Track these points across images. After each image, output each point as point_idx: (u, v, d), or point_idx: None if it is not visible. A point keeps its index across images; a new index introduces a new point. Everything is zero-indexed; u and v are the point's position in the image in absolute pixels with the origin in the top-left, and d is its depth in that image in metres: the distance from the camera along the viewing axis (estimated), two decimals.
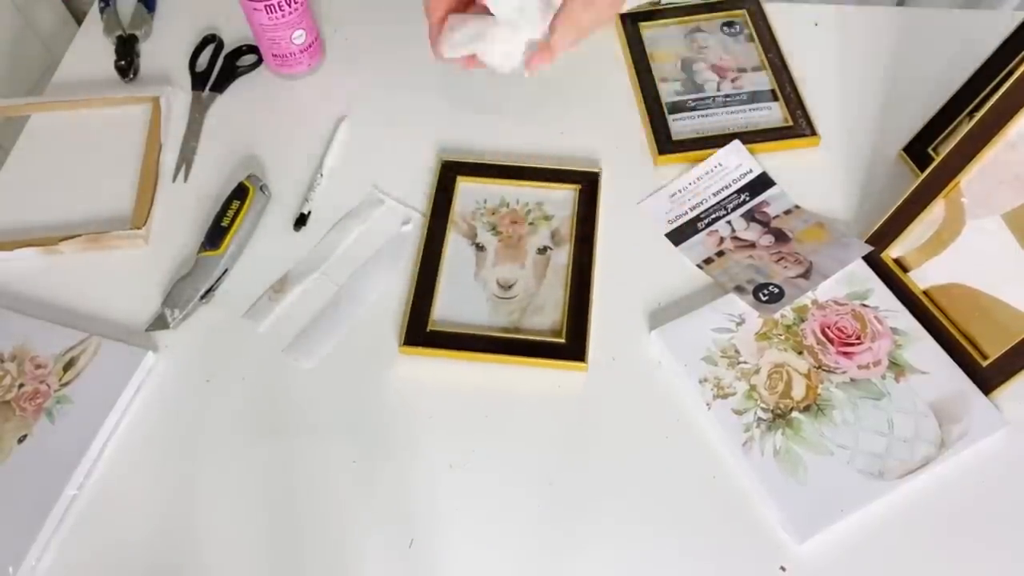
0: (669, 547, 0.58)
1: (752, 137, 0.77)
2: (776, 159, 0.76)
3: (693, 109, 0.79)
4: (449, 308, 0.69)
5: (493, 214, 0.74)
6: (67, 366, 0.66)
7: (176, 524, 0.60)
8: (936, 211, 0.64)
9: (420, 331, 0.67)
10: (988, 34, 0.73)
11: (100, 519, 0.60)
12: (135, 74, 0.87)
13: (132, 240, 0.73)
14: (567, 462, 0.61)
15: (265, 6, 0.78)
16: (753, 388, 0.63)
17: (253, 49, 0.87)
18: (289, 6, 0.79)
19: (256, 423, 0.64)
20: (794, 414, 0.61)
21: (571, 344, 0.66)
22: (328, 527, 0.59)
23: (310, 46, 0.84)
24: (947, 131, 0.73)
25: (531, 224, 0.73)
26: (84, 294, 0.71)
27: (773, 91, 0.81)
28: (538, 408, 0.64)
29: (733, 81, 0.82)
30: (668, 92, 0.81)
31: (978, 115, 0.59)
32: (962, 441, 0.59)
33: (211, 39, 0.89)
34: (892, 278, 0.67)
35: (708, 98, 0.80)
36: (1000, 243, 0.60)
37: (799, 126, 0.78)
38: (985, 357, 0.62)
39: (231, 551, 0.59)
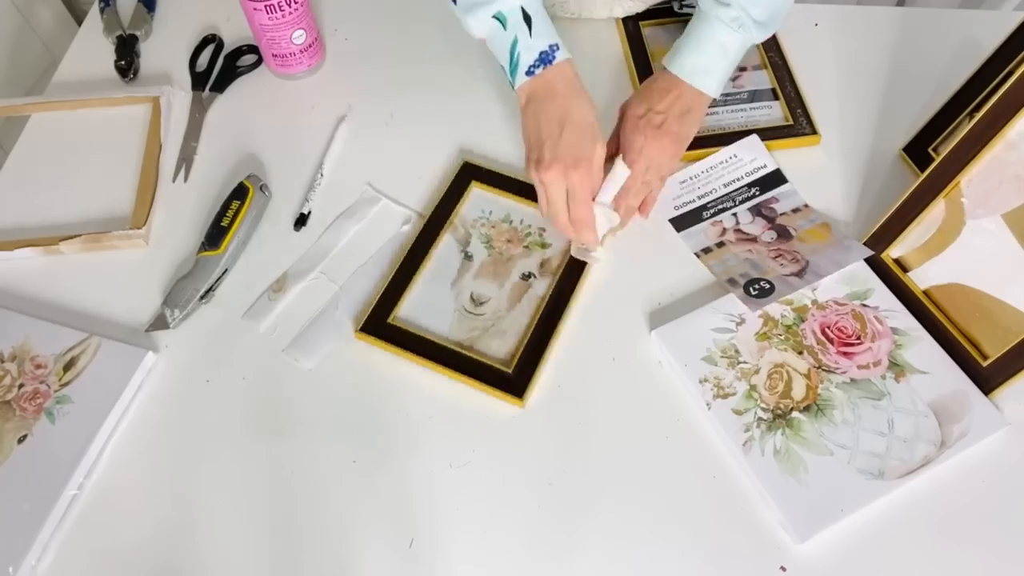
0: (669, 547, 0.58)
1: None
2: (776, 158, 0.76)
3: None
4: (416, 308, 0.68)
5: (493, 227, 0.73)
6: (67, 366, 0.66)
7: (176, 524, 0.60)
8: (936, 211, 0.64)
9: (380, 322, 0.67)
10: (988, 34, 0.73)
11: (100, 519, 0.60)
12: (135, 74, 0.87)
13: (132, 240, 0.73)
14: (567, 462, 0.61)
15: (265, 6, 0.78)
16: (753, 388, 0.63)
17: (253, 49, 0.87)
18: (289, 6, 0.79)
19: (256, 423, 0.64)
20: (794, 414, 0.61)
21: (516, 377, 0.64)
22: (328, 527, 0.59)
23: (310, 46, 0.84)
24: (947, 131, 0.73)
25: (525, 247, 0.72)
26: (84, 294, 0.71)
27: (774, 90, 0.81)
28: (538, 408, 0.64)
29: (734, 80, 0.81)
30: None
31: (978, 115, 0.59)
32: (962, 441, 0.59)
33: (211, 39, 0.89)
34: (892, 278, 0.67)
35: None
36: (1000, 243, 0.60)
37: (799, 124, 0.78)
38: (985, 357, 0.62)
39: (231, 551, 0.59)
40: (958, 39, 0.83)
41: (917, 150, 0.75)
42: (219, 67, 0.87)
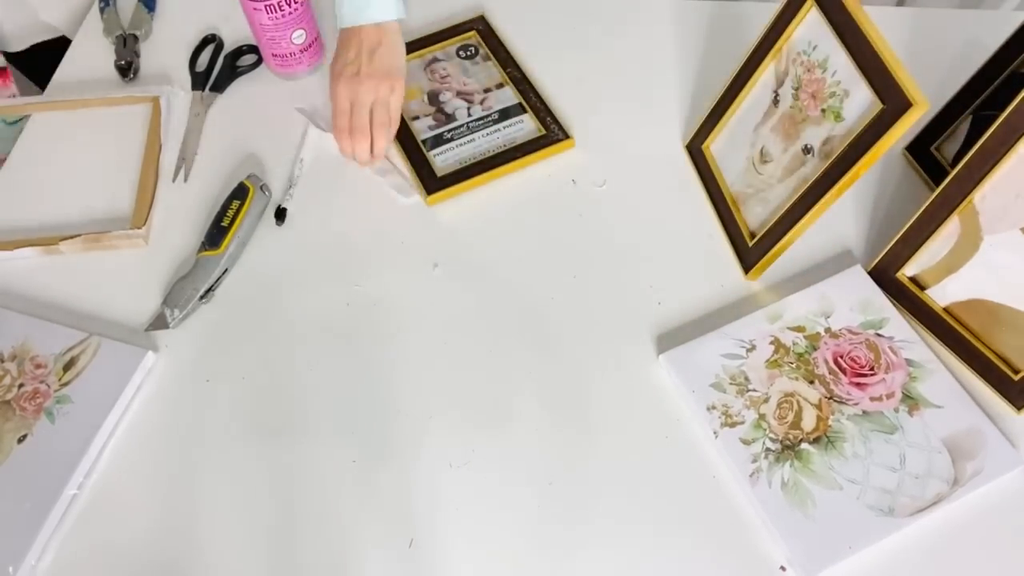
0: (669, 546, 0.58)
1: (513, 153, 0.77)
2: None
3: (450, 140, 0.79)
4: (724, 143, 0.71)
5: (808, 71, 0.62)
6: (67, 366, 0.66)
7: (176, 524, 0.60)
8: (951, 228, 0.63)
9: (696, 148, 0.74)
10: (989, 34, 0.73)
11: (100, 519, 0.60)
12: (135, 74, 0.87)
13: (132, 240, 0.73)
14: (567, 462, 0.61)
15: (265, 6, 0.78)
16: (762, 417, 0.61)
17: (253, 49, 0.87)
18: (289, 6, 0.79)
19: (256, 423, 0.64)
20: (803, 446, 0.60)
21: (751, 253, 0.67)
22: (328, 527, 0.59)
23: (310, 46, 0.84)
24: (949, 131, 0.73)
25: (823, 111, 0.62)
26: (84, 294, 0.71)
27: (520, 104, 0.81)
28: (539, 408, 0.64)
29: (482, 103, 0.81)
30: (422, 129, 0.80)
31: (988, 132, 0.58)
32: (976, 479, 0.58)
33: (211, 39, 0.89)
34: (910, 296, 0.66)
35: (462, 126, 0.79)
36: (1020, 256, 0.59)
37: (552, 133, 0.78)
38: (1016, 371, 0.60)
39: (231, 551, 0.59)
40: (959, 39, 0.83)
41: (919, 149, 0.75)
42: (219, 67, 0.87)
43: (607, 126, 0.80)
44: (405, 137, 0.79)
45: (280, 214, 0.75)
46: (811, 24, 0.64)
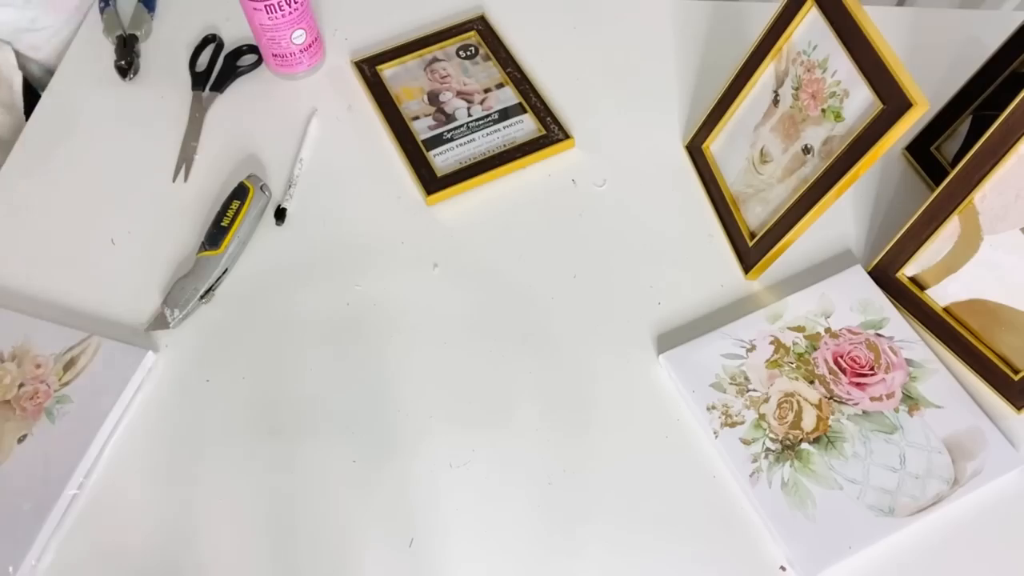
0: (669, 546, 0.58)
1: (513, 153, 0.77)
2: None
3: (450, 140, 0.78)
4: (724, 142, 0.72)
5: (808, 71, 0.63)
6: (67, 366, 0.66)
7: (176, 524, 0.60)
8: (951, 228, 0.63)
9: (696, 147, 0.75)
10: (988, 34, 0.73)
11: (100, 519, 0.60)
12: (135, 74, 0.87)
13: None
14: (567, 462, 0.61)
15: (265, 6, 0.78)
16: (762, 417, 0.61)
17: (253, 49, 0.87)
18: (289, 6, 0.79)
19: (256, 423, 0.64)
20: (803, 445, 0.60)
21: (751, 253, 0.67)
22: (328, 527, 0.59)
23: (310, 46, 0.84)
24: (949, 131, 0.73)
25: (823, 111, 0.62)
26: (84, 294, 0.71)
27: (520, 104, 0.81)
28: (539, 408, 0.64)
29: (482, 103, 0.81)
30: (422, 129, 0.79)
31: (988, 133, 0.58)
32: (976, 479, 0.58)
33: (211, 39, 0.89)
34: (910, 296, 0.66)
35: (462, 126, 0.79)
36: (1020, 256, 0.59)
37: (552, 133, 0.78)
38: (1016, 371, 0.61)
39: (231, 551, 0.59)
40: (959, 39, 0.83)
41: (919, 149, 0.75)
42: (219, 67, 0.87)
43: (607, 126, 0.80)
44: (405, 137, 0.79)
45: (280, 214, 0.75)
46: (811, 24, 0.64)
